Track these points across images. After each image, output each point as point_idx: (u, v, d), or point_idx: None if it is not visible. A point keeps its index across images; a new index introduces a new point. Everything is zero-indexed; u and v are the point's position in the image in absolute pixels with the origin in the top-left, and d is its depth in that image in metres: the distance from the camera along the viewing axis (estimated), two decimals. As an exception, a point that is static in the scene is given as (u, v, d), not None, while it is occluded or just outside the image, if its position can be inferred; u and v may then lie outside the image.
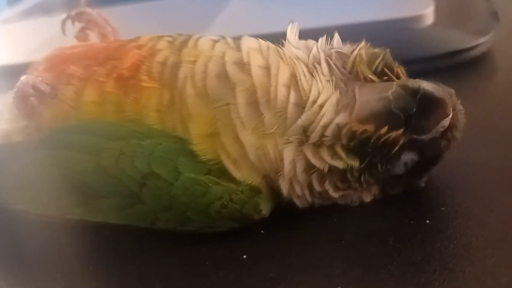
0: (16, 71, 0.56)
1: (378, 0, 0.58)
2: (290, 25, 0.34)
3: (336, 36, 0.34)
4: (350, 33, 0.34)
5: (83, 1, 0.40)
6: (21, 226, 0.35)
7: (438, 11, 0.53)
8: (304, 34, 0.34)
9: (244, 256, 0.30)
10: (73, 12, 0.39)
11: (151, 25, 0.64)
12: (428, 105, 0.30)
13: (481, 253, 0.28)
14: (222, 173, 0.30)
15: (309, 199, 0.32)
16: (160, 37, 0.34)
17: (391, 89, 0.30)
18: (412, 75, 0.33)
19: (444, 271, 0.27)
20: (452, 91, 0.32)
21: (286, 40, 0.33)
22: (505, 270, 0.26)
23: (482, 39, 0.51)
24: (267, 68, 0.31)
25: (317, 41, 0.34)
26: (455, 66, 0.50)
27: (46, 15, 0.79)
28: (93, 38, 0.39)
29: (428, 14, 0.52)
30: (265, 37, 0.34)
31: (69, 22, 0.40)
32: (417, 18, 0.52)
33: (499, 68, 0.51)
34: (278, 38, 0.33)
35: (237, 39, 0.33)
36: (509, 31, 0.55)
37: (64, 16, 0.39)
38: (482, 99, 0.45)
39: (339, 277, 0.28)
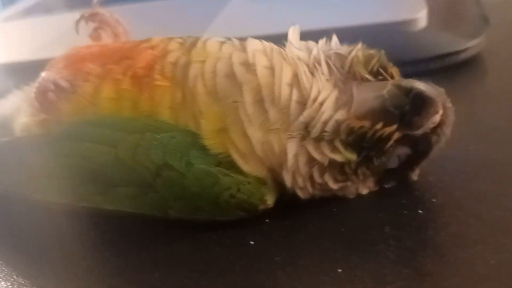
0: (17, 69, 0.59)
1: (374, 4, 0.60)
2: (292, 27, 0.36)
3: (334, 38, 0.36)
4: (346, 35, 0.36)
5: (96, 2, 0.42)
6: (34, 215, 0.37)
7: (430, 15, 0.55)
8: (301, 36, 0.36)
9: (251, 242, 0.33)
10: (86, 13, 0.41)
11: (152, 24, 0.66)
12: (420, 103, 0.32)
13: (470, 239, 0.30)
14: (231, 165, 0.32)
15: (311, 190, 0.34)
16: (170, 39, 0.36)
17: (386, 88, 0.32)
18: (406, 76, 0.35)
19: (436, 255, 0.29)
20: (442, 90, 0.34)
21: (288, 41, 0.35)
22: (492, 255, 0.29)
23: (473, 42, 0.53)
24: (271, 69, 0.33)
25: (315, 42, 0.36)
26: (447, 68, 0.52)
27: (46, 14, 0.81)
28: (106, 37, 0.41)
29: (421, 18, 0.54)
30: (264, 38, 0.36)
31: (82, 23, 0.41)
32: (410, 22, 0.54)
33: (489, 70, 0.54)
34: (277, 39, 0.35)
35: (243, 40, 0.35)
36: (499, 35, 0.57)
37: (77, 16, 0.41)
38: (472, 99, 0.47)
39: (340, 261, 0.30)
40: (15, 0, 1.06)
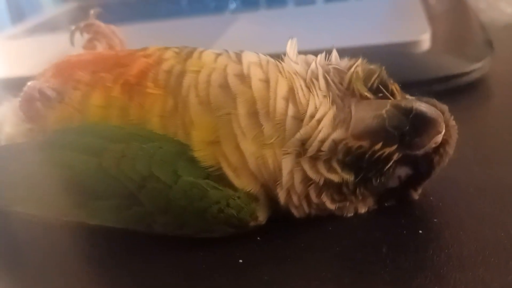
0: (20, 84, 0.58)
1: (378, 25, 0.60)
2: (290, 41, 0.35)
3: (334, 53, 0.35)
4: (351, 56, 0.35)
5: (92, 13, 0.41)
6: (17, 228, 0.36)
7: (434, 38, 0.54)
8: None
9: (240, 261, 0.31)
10: (82, 24, 0.40)
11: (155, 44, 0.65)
12: (421, 124, 0.31)
13: (472, 261, 0.28)
14: (221, 179, 0.31)
15: (307, 209, 0.33)
16: (167, 48, 0.35)
17: (386, 108, 0.31)
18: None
19: (435, 277, 0.28)
20: (445, 108, 0.32)
21: (286, 55, 0.34)
22: (494, 277, 0.27)
23: (476, 65, 0.52)
24: (266, 81, 0.32)
25: None
26: (450, 90, 0.51)
27: (51, 33, 0.81)
28: (101, 49, 0.40)
29: (425, 40, 0.54)
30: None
31: (77, 34, 0.41)
32: (414, 44, 0.53)
33: (492, 93, 0.52)
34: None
35: (239, 53, 0.34)
36: (503, 59, 0.56)
37: (72, 28, 0.41)
38: (476, 122, 0.46)
39: (332, 282, 0.28)
40: (23, 17, 1.07)
